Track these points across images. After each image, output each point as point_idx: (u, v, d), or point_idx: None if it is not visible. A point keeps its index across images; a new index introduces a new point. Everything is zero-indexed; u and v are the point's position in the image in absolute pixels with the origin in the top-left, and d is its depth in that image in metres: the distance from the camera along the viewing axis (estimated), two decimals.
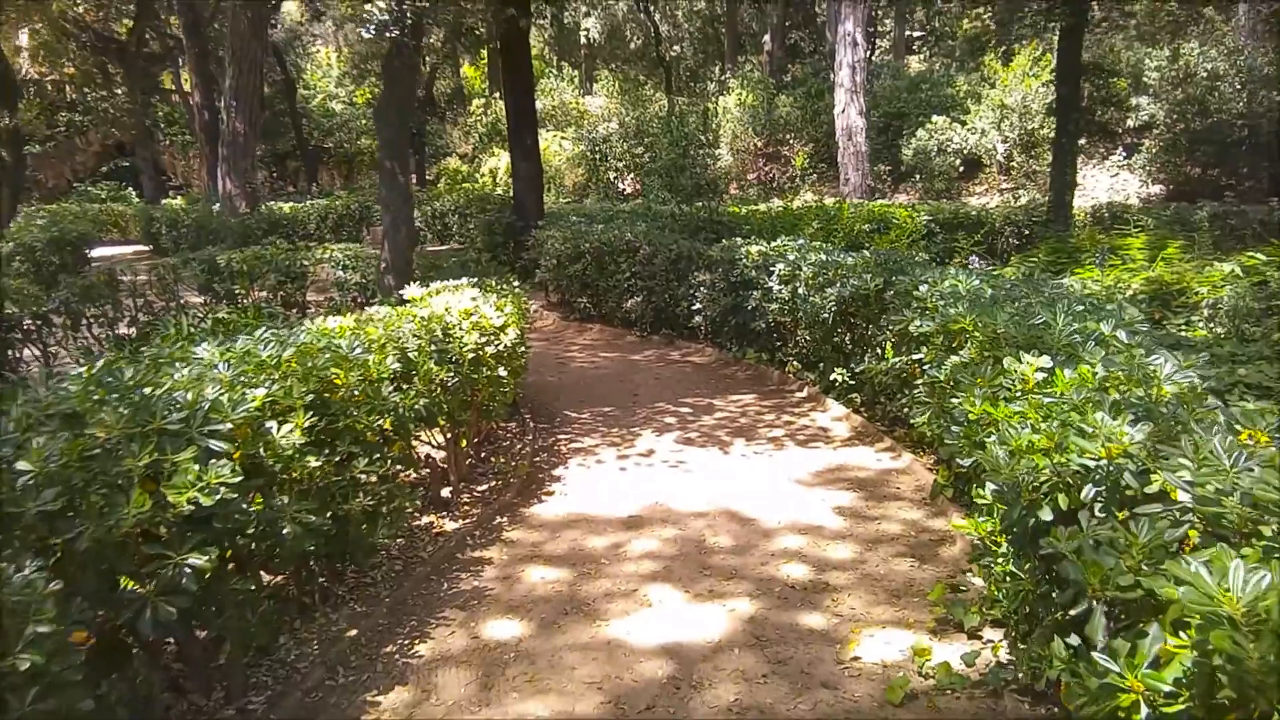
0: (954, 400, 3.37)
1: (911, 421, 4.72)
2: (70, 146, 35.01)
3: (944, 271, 5.67)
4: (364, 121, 35.45)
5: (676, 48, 41.95)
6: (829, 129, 26.57)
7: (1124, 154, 21.66)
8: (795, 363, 7.53)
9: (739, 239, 8.62)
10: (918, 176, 23.39)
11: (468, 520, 4.56)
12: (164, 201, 23.49)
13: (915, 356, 4.62)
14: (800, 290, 7.17)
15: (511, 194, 14.66)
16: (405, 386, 3.98)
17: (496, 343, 4.92)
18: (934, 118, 23.12)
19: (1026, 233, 13.09)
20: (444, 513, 4.60)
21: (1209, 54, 19.94)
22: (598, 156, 27.29)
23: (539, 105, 33.13)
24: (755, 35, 44.91)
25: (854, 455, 5.58)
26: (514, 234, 13.87)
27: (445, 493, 4.75)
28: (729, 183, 24.97)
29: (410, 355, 4.12)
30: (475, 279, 5.74)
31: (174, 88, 32.15)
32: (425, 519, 4.52)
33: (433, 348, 4.34)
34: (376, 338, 3.97)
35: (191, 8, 21.37)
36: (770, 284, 7.54)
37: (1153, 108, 20.54)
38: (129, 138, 29.37)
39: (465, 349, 4.52)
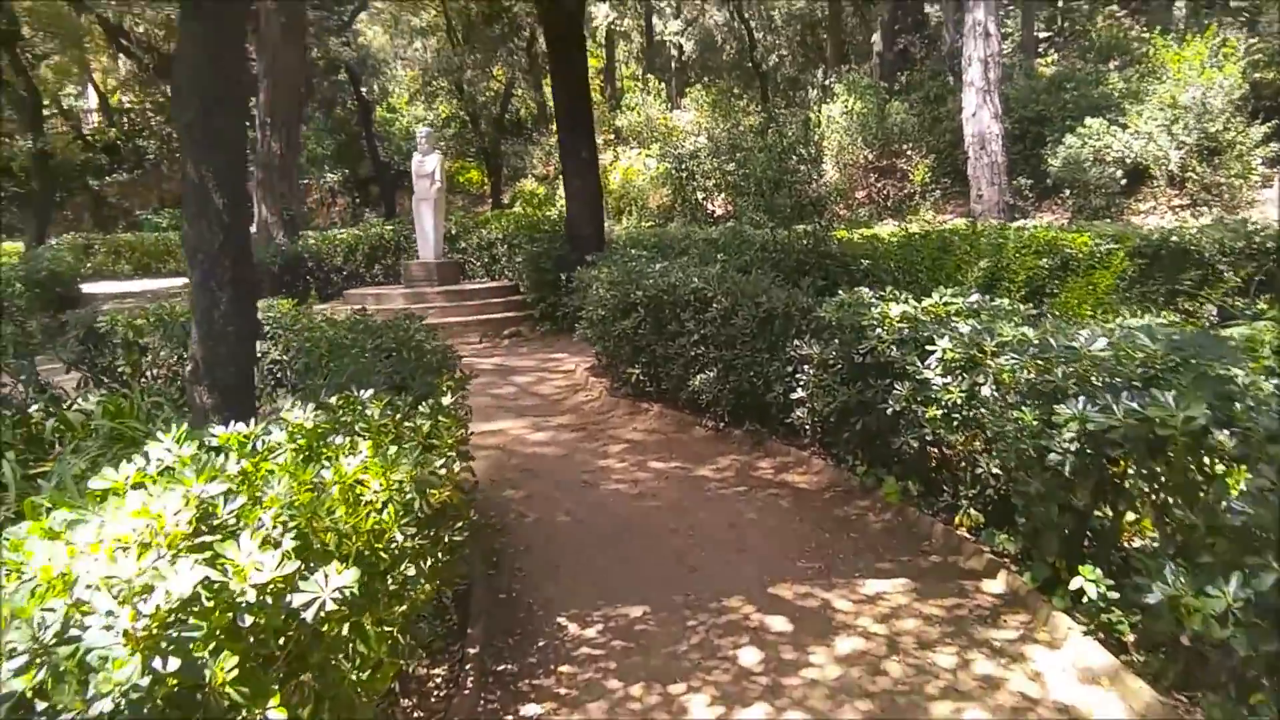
0: None
1: None
2: (158, 174, 34.72)
3: None
4: (441, 142, 33.75)
5: (774, 56, 38.84)
6: (953, 138, 22.91)
7: None
8: (976, 513, 4.35)
9: (865, 291, 5.47)
10: (1067, 191, 19.51)
11: None
12: None
13: None
14: (988, 392, 4.03)
15: (564, 219, 11.88)
16: None
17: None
18: (1087, 121, 19.24)
19: (1253, 267, 9.37)
20: None
21: None
22: (684, 174, 24.39)
23: (623, 122, 30.73)
24: (860, 41, 41.45)
25: None
26: (566, 268, 11.07)
27: None
28: (835, 201, 21.62)
29: None
30: (346, 404, 2.84)
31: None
32: None
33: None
34: None
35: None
36: (926, 373, 4.41)
37: None
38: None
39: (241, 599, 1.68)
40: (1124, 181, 18.49)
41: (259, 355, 5.38)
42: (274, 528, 1.96)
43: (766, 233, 10.69)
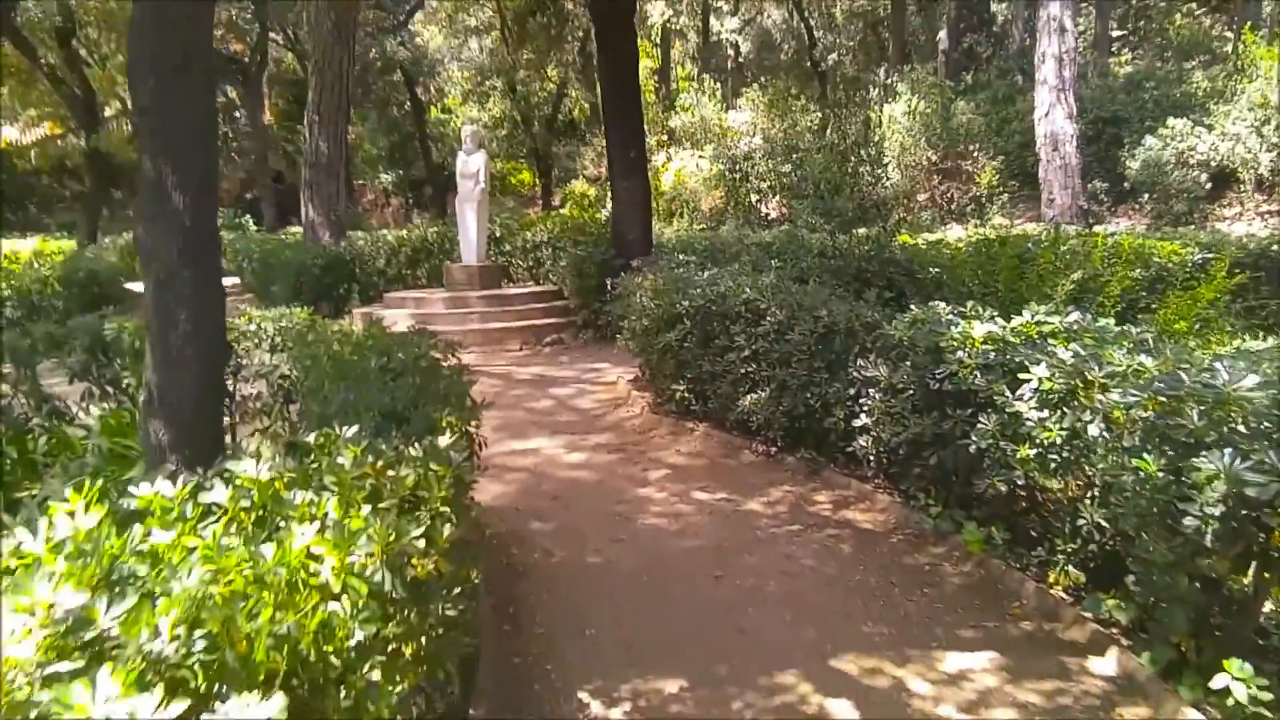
0: None
1: None
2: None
3: None
4: (494, 143, 33.63)
5: (833, 56, 37.88)
6: (1022, 139, 21.86)
7: None
8: (1076, 571, 3.69)
9: (941, 306, 4.82)
10: (1146, 195, 18.36)
11: None
12: (250, 231, 21.92)
13: None
14: (1096, 432, 3.39)
15: (610, 222, 11.36)
16: None
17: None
18: (1169, 121, 18.08)
19: None
20: None
21: None
22: (738, 176, 23.72)
23: (677, 123, 30.15)
24: (923, 41, 40.24)
25: None
26: (611, 273, 10.55)
27: None
28: (898, 204, 20.74)
29: None
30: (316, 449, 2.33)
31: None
32: None
33: None
34: None
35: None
36: (1018, 405, 3.77)
37: None
38: (249, 165, 28.51)
39: None
40: (1208, 185, 17.32)
41: (232, 383, 4.96)
42: (170, 641, 1.45)
43: (825, 237, 10.03)
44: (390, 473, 2.33)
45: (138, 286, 19.99)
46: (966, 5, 34.51)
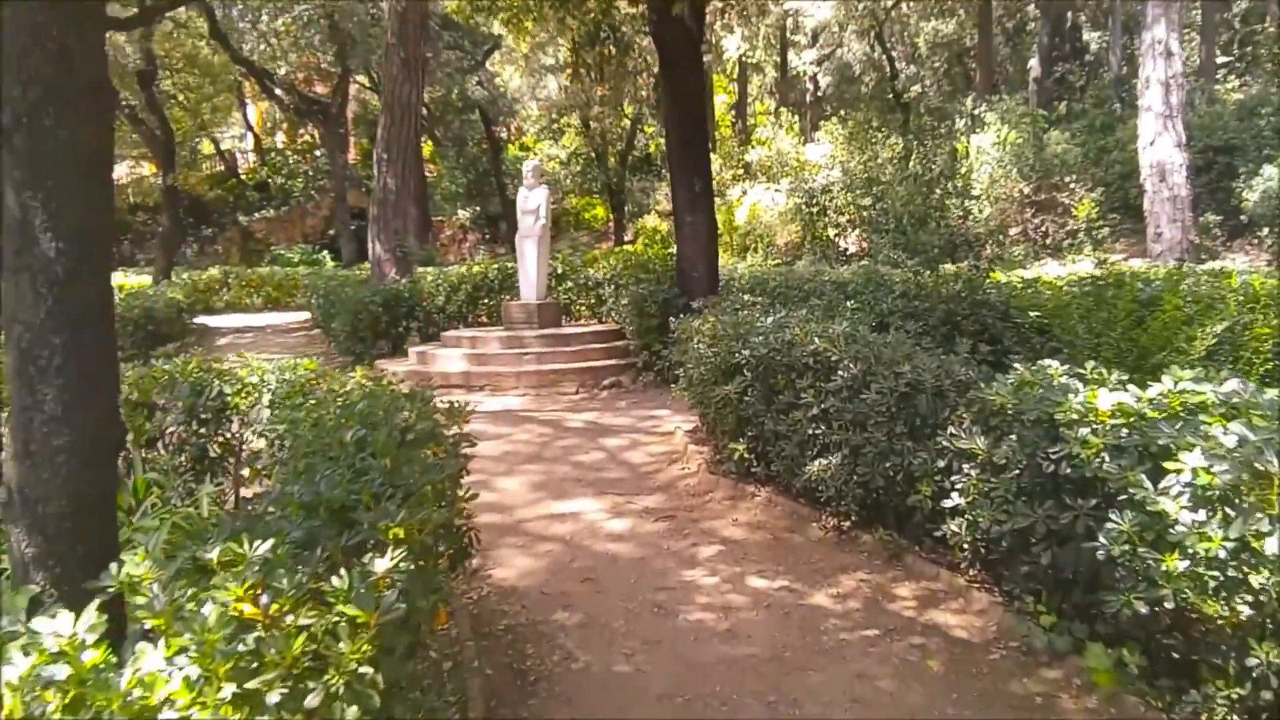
0: None
1: None
2: (301, 211, 36.28)
3: None
4: (567, 179, 33.65)
5: (916, 86, 36.81)
6: (1123, 169, 20.45)
7: None
8: None
9: (1054, 366, 3.96)
10: (1266, 229, 16.78)
11: None
12: (324, 267, 22.09)
13: None
14: (1277, 547, 2.51)
15: (674, 260, 10.70)
16: None
17: None
18: None
19: None
20: None
21: None
22: (815, 210, 22.87)
23: (752, 157, 29.53)
24: (1010, 71, 38.81)
25: None
26: (675, 313, 9.89)
27: None
28: (987, 239, 19.56)
29: None
30: None
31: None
32: None
33: None
34: None
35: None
36: (1163, 502, 2.91)
37: None
38: (329, 202, 29.06)
39: None
40: None
41: (238, 434, 4.43)
42: None
43: (907, 274, 9.15)
44: (290, 618, 1.67)
45: (218, 320, 20.33)
46: (1058, 34, 33.10)
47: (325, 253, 26.51)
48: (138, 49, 17.08)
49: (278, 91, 25.27)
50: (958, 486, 4.06)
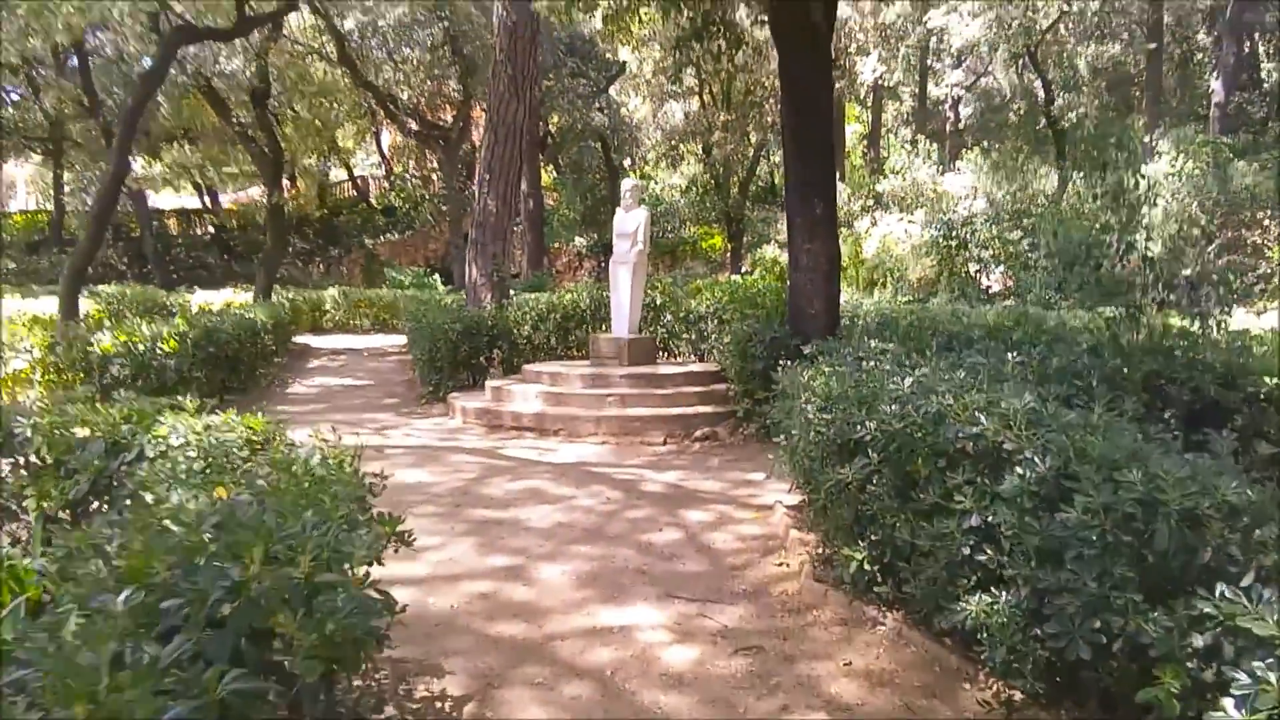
0: None
1: None
2: (425, 235, 36.71)
3: None
4: (684, 207, 32.47)
5: (1071, 115, 33.71)
6: None
7: None
8: None
9: None
10: None
11: None
12: (434, 291, 21.58)
13: None
14: None
15: (788, 294, 9.12)
16: None
17: None
18: None
19: None
20: None
21: None
22: (954, 243, 20.67)
23: (884, 187, 27.46)
24: (1176, 100, 35.19)
25: None
26: (785, 355, 8.33)
27: None
28: (1159, 282, 16.89)
29: None
30: None
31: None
32: None
33: None
34: None
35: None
36: None
37: None
38: (449, 226, 28.92)
39: None
40: None
41: None
42: None
43: (1099, 324, 7.23)
44: None
45: (316, 340, 20.09)
46: (1240, 57, 29.56)
47: (436, 276, 26.23)
48: (251, 67, 17.06)
49: (401, 117, 25.29)
50: (1236, 687, 2.34)
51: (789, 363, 8.33)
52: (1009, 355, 6.01)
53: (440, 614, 4.29)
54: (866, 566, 4.17)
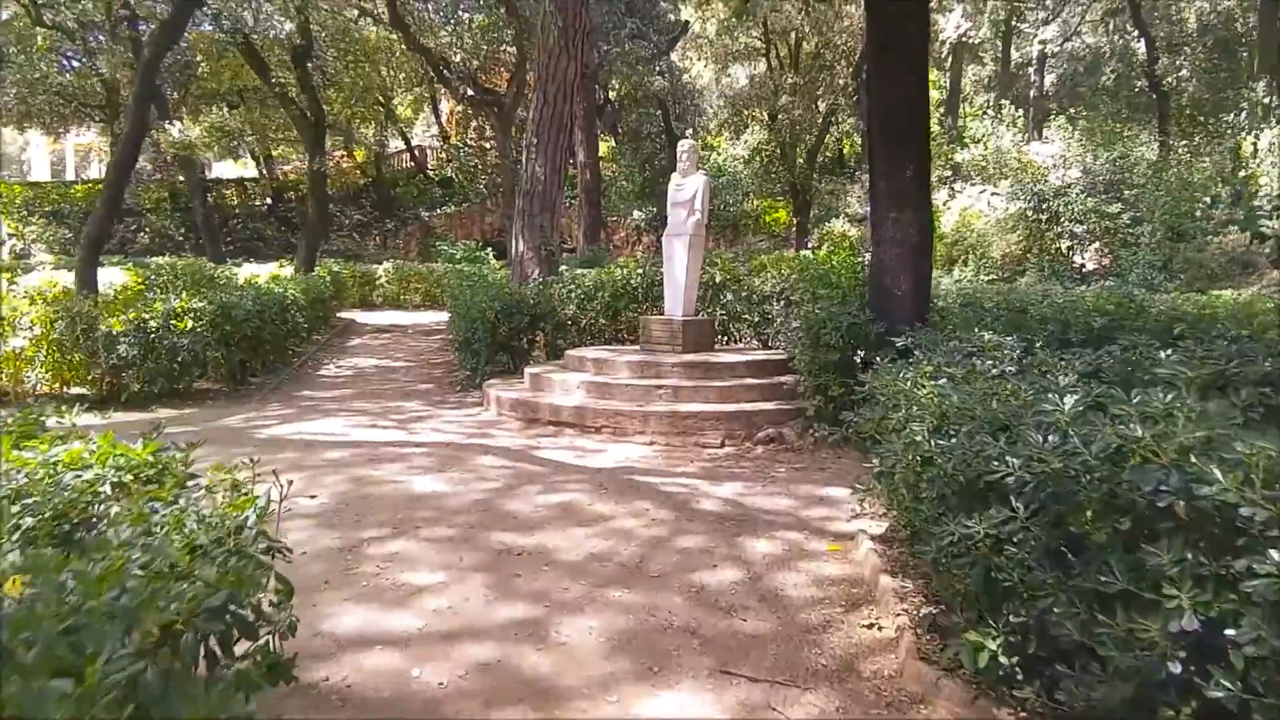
0: None
1: None
2: (483, 208, 35.97)
3: None
4: (749, 180, 30.93)
5: (1170, 78, 31.09)
6: None
7: None
8: None
9: None
10: None
11: None
12: (486, 265, 20.67)
13: None
14: None
15: (867, 272, 7.86)
16: None
17: None
18: None
19: None
20: None
21: None
22: (1044, 217, 18.92)
23: (963, 157, 25.56)
24: None
25: None
26: (864, 345, 7.15)
27: None
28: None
29: None
30: None
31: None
32: None
33: None
34: None
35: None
36: None
37: None
38: (499, 197, 28.03)
39: None
40: None
41: None
42: None
43: (1252, 309, 5.85)
44: None
45: (363, 315, 19.41)
46: None
47: (489, 250, 25.39)
48: (294, 24, 16.22)
49: (454, 82, 24.35)
50: None
51: (870, 352, 7.09)
52: (1162, 354, 4.70)
53: (426, 695, 3.28)
54: (1002, 658, 3.01)
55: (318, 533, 5.05)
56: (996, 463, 2.90)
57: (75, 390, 9.18)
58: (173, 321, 8.60)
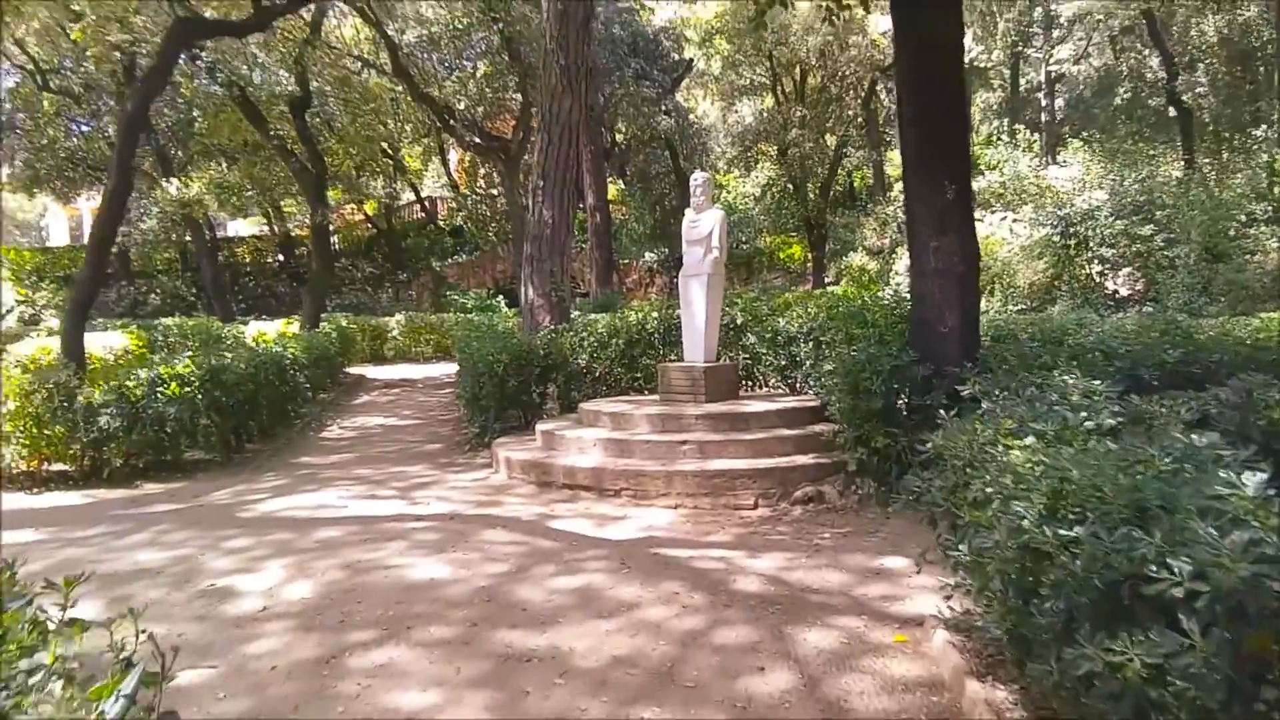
0: None
1: None
2: (494, 256, 35.64)
3: None
4: (760, 215, 30.45)
5: (1187, 96, 30.53)
6: None
7: None
8: None
9: None
10: None
11: None
12: (497, 314, 20.14)
13: None
14: None
15: (910, 307, 7.15)
16: None
17: None
18: None
19: None
20: None
21: None
22: (1072, 242, 18.19)
23: (978, 185, 24.95)
24: None
25: None
26: (912, 389, 6.44)
27: None
28: None
29: None
30: None
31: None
32: None
33: None
34: None
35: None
36: None
37: None
38: (510, 244, 27.64)
39: None
40: None
41: None
42: None
43: None
44: None
45: (373, 370, 18.84)
46: None
47: (501, 297, 24.89)
48: (291, 72, 15.91)
49: (459, 130, 24.12)
50: None
51: (916, 397, 6.37)
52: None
53: None
54: None
55: (295, 639, 4.33)
56: (1155, 567, 2.17)
57: (56, 467, 8.60)
58: (158, 389, 8.01)
